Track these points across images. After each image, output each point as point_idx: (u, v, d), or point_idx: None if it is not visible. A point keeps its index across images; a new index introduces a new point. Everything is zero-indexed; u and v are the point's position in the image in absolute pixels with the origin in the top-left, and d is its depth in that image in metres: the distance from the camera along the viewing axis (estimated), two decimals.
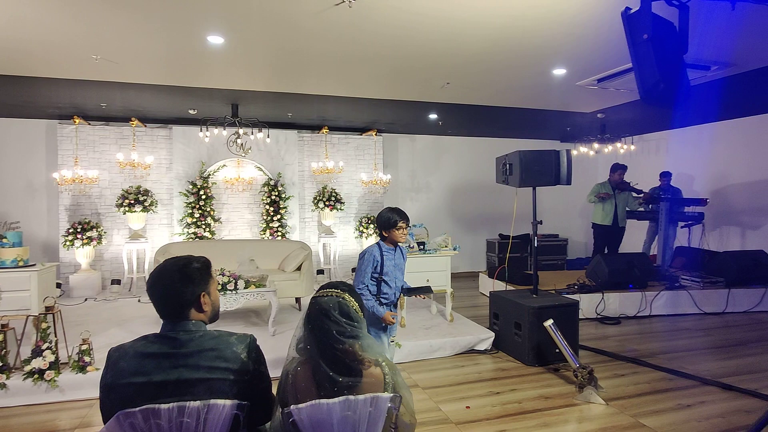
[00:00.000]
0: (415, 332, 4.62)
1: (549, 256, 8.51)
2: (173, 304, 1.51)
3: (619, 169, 7.00)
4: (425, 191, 9.16)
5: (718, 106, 6.33)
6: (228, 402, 1.40)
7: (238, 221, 7.81)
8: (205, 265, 1.61)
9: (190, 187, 7.38)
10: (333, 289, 1.63)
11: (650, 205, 7.08)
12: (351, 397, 1.42)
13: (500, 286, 5.96)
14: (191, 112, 6.79)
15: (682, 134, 8.12)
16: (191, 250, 5.99)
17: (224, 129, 6.38)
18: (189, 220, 7.27)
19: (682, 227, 7.07)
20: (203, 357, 1.46)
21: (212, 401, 1.38)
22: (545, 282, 6.10)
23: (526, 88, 5.65)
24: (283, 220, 7.74)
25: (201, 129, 6.29)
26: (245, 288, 4.53)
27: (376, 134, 8.45)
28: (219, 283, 4.44)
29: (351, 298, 1.62)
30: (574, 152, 7.81)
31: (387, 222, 3.01)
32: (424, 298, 3.30)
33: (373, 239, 8.22)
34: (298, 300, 5.97)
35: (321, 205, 7.93)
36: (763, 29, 3.43)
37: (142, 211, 6.97)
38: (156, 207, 7.24)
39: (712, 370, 4.02)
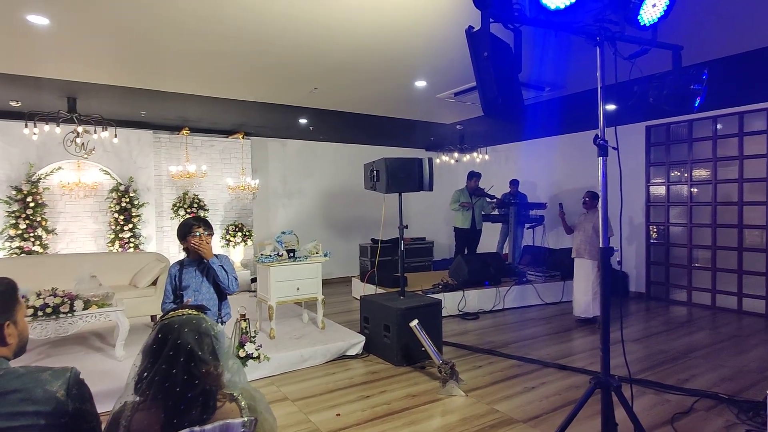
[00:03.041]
0: (285, 343, 4.46)
1: (416, 258, 8.95)
2: None
3: (474, 176, 7.66)
4: (298, 197, 9.00)
5: (554, 122, 7.30)
6: None
7: (79, 232, 6.80)
8: (9, 287, 1.34)
9: (14, 193, 6.22)
10: (184, 311, 1.44)
11: (502, 209, 7.88)
12: (196, 428, 1.27)
13: (371, 289, 6.08)
14: (13, 104, 5.72)
15: (527, 146, 9.21)
16: (13, 267, 5.05)
17: (58, 126, 5.50)
18: (12, 232, 6.12)
19: (527, 228, 7.99)
20: (4, 402, 1.19)
21: None
22: (413, 283, 6.39)
23: (391, 99, 5.86)
24: (136, 230, 6.94)
25: (27, 125, 5.34)
26: (84, 309, 3.94)
27: (243, 137, 8.06)
28: (50, 306, 3.79)
29: (208, 319, 1.44)
30: (437, 160, 8.37)
31: (181, 229, 2.94)
32: None
33: (242, 248, 7.82)
34: (154, 318, 5.38)
35: (182, 212, 7.30)
36: (581, 57, 4.02)
37: None
38: None
39: (552, 353, 4.58)
